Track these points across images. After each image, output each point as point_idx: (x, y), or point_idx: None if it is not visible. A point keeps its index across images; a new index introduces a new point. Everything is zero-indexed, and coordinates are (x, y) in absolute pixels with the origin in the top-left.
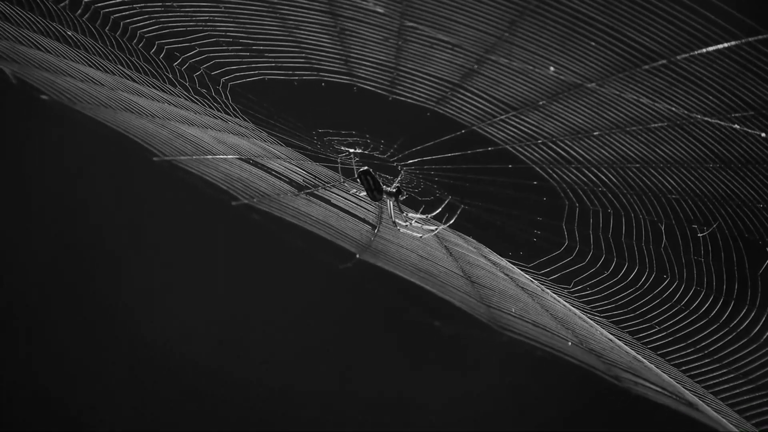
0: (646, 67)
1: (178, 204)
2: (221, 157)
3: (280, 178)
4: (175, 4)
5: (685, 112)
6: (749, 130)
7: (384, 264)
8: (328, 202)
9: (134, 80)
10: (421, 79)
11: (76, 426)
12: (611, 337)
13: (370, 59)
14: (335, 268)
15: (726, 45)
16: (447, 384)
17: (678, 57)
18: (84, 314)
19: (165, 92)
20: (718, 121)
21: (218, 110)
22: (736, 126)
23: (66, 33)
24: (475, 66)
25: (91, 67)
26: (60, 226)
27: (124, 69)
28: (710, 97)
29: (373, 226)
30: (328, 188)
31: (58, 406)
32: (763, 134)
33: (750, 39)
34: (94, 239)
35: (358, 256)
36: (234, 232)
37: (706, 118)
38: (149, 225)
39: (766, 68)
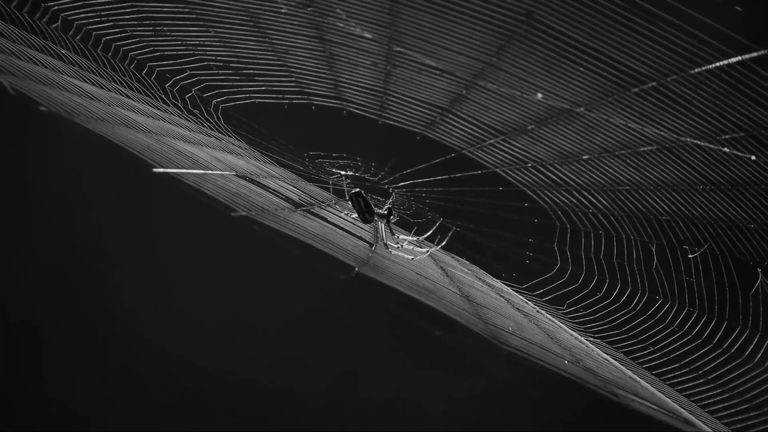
0: (635, 90)
1: (178, 210)
2: (218, 172)
3: (276, 195)
4: (165, 28)
5: (674, 135)
6: (739, 153)
7: (383, 279)
8: (324, 219)
9: (129, 97)
10: (410, 104)
11: (77, 426)
12: (606, 356)
13: (360, 84)
14: (332, 274)
15: (716, 65)
16: (446, 386)
17: (667, 79)
18: (85, 315)
19: (159, 110)
20: (708, 144)
21: (212, 129)
22: (726, 149)
23: (60, 52)
24: (464, 91)
25: (86, 82)
26: (62, 229)
27: (118, 86)
28: (699, 120)
29: (371, 244)
30: (323, 207)
31: (58, 405)
32: (753, 157)
33: (741, 57)
34: (96, 242)
35: (357, 269)
36: (234, 238)
37: (695, 141)
38: (150, 229)
39: (756, 88)
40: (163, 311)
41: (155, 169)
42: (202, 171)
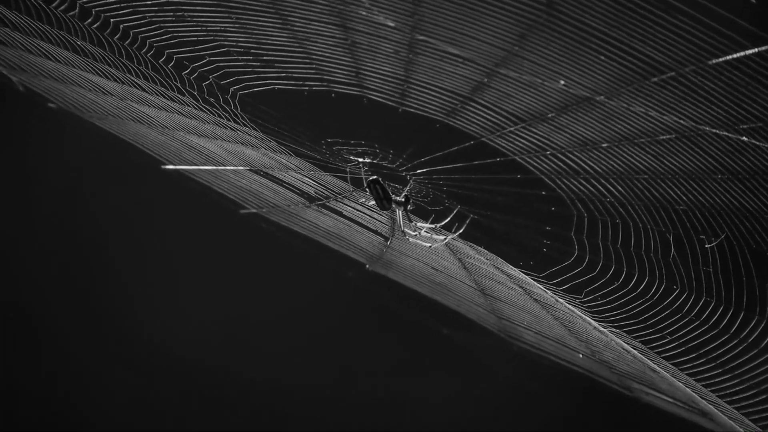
0: (655, 79)
1: (187, 206)
2: (231, 168)
3: (290, 189)
4: (186, 14)
5: (693, 124)
6: (757, 142)
7: (394, 275)
8: (339, 213)
9: (143, 89)
10: (431, 92)
11: (77, 426)
12: (626, 346)
13: (381, 71)
14: (340, 272)
15: (734, 56)
16: (449, 384)
17: (686, 69)
18: (87, 313)
19: (174, 101)
20: (726, 133)
21: (227, 119)
22: (744, 138)
23: (75, 42)
24: (485, 79)
25: (100, 76)
26: (66, 225)
27: (133, 78)
28: (718, 109)
29: (386, 238)
30: (339, 200)
31: (58, 405)
32: None
33: (759, 49)
34: (99, 238)
35: (368, 266)
36: (239, 235)
37: (714, 130)
38: (154, 226)
39: None
40: (166, 308)
41: (164, 166)
42: (213, 167)
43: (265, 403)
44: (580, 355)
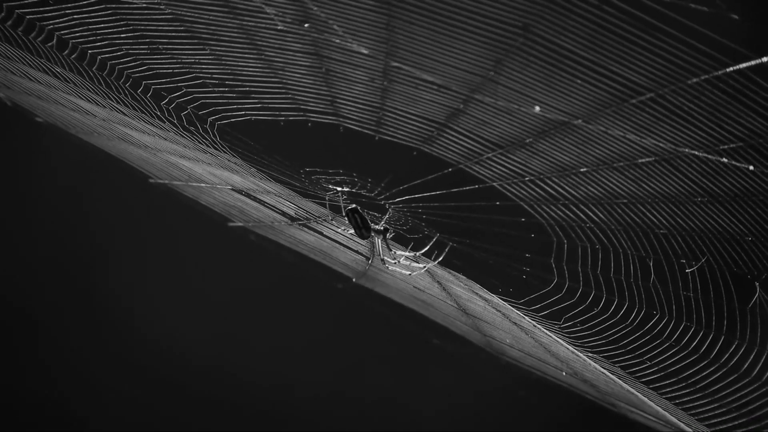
0: (633, 101)
1: (176, 218)
2: (215, 185)
3: (272, 209)
4: (161, 47)
5: (672, 146)
6: (737, 164)
7: (380, 290)
8: (320, 233)
9: (125, 114)
10: (407, 119)
11: (78, 425)
12: (603, 371)
13: (356, 99)
14: (330, 283)
15: (714, 74)
16: (444, 392)
17: (665, 89)
18: (87, 316)
19: (155, 126)
20: (706, 155)
21: (207, 145)
22: (724, 159)
23: (54, 70)
24: (461, 106)
25: (82, 99)
26: (64, 231)
27: (113, 104)
28: (698, 130)
29: (367, 258)
30: (319, 222)
31: (59, 405)
32: (751, 167)
33: (739, 66)
34: (99, 244)
35: (354, 280)
36: (232, 243)
37: (693, 152)
38: (151, 233)
39: (753, 96)
40: (163, 313)
41: (152, 180)
42: (198, 183)
43: (259, 408)
44: (564, 373)
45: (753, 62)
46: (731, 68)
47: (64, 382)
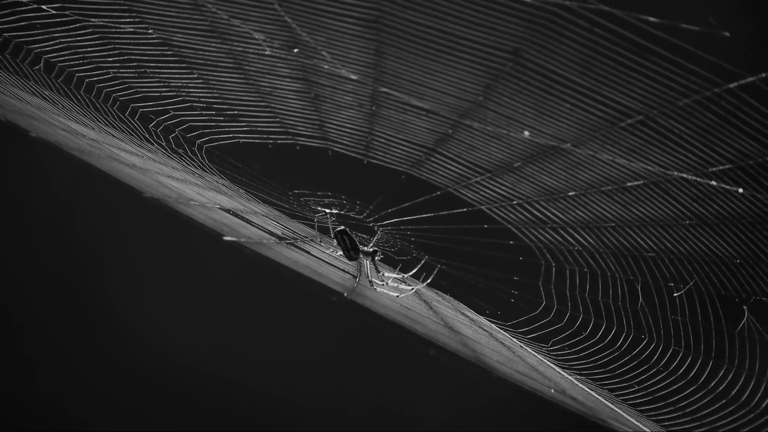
0: (622, 124)
1: (172, 229)
2: (205, 203)
3: (261, 229)
4: (149, 70)
5: (661, 169)
6: (726, 186)
7: (371, 305)
8: (308, 253)
9: (113, 136)
10: (395, 144)
11: (78, 425)
12: (590, 391)
13: (345, 124)
14: (325, 296)
15: (704, 94)
16: (440, 402)
17: (654, 112)
18: (84, 321)
19: (144, 148)
20: (695, 178)
21: (196, 167)
22: (713, 182)
23: (42, 93)
24: (450, 131)
25: (70, 120)
26: (61, 237)
27: (102, 126)
28: (687, 153)
29: (354, 276)
30: (307, 242)
31: (58, 406)
32: (740, 189)
33: (729, 85)
34: (96, 248)
35: (346, 295)
36: (226, 255)
37: (682, 175)
38: (145, 243)
39: (743, 117)
40: (161, 317)
41: (145, 194)
42: (190, 200)
43: (255, 415)
44: (552, 390)
45: (742, 81)
46: (719, 89)
47: (58, 386)
